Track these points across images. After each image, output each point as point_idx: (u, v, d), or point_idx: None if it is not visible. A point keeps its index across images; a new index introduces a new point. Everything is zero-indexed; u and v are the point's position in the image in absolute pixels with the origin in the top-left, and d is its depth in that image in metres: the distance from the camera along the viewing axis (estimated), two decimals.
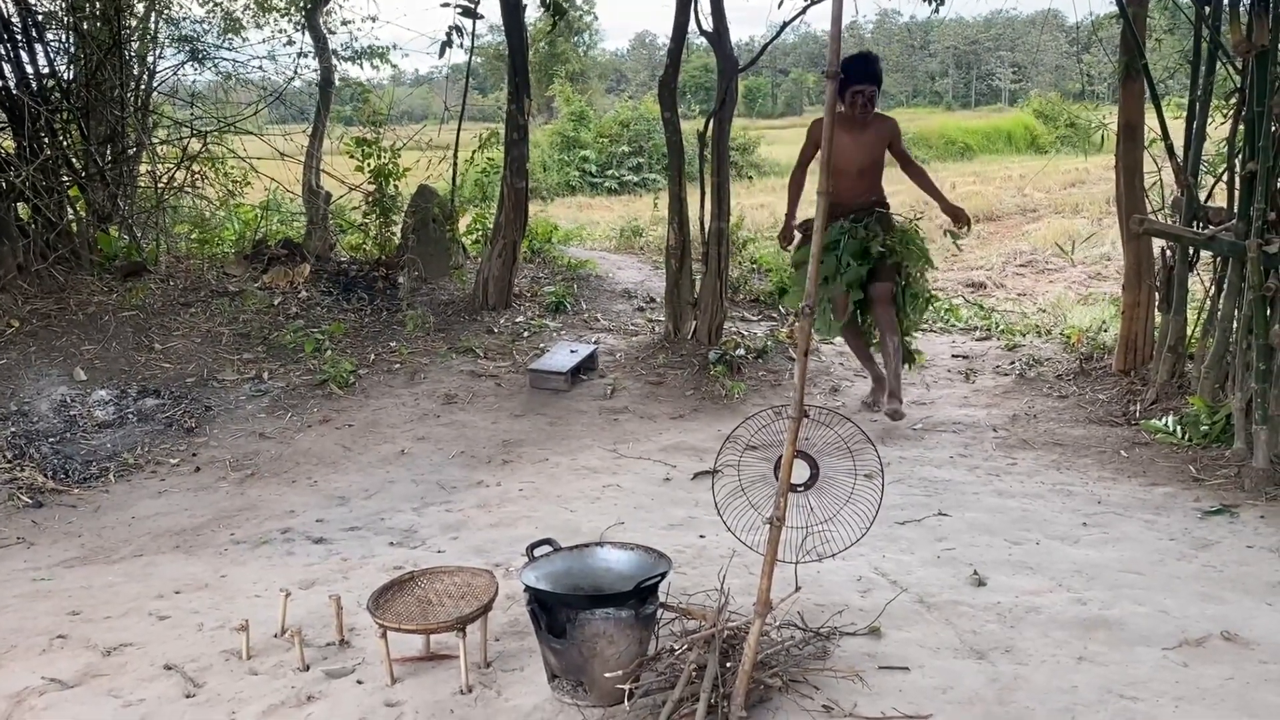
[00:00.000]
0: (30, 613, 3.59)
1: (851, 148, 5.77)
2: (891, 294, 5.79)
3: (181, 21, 9.89)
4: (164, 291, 7.63)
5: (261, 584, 3.81)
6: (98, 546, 4.31)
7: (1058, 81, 43.07)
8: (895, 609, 3.43)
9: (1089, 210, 15.35)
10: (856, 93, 5.68)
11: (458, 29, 7.84)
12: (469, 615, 2.99)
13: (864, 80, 5.68)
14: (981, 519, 4.39)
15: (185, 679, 3.07)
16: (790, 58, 69.61)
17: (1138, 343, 6.49)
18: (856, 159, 5.80)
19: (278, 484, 5.06)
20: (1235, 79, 5.73)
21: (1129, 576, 3.75)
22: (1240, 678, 2.97)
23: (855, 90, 5.66)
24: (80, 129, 8.14)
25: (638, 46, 79.85)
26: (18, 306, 6.95)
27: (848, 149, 5.75)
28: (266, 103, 10.26)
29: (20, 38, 7.80)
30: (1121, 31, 6.37)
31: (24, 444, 5.34)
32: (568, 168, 23.94)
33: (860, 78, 5.66)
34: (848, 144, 5.74)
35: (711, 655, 2.73)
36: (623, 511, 4.54)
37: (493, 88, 32.23)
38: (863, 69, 5.70)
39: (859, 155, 5.80)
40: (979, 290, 10.67)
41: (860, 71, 5.67)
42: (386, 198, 8.89)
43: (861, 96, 5.69)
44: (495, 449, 5.55)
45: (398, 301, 7.98)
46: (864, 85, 5.67)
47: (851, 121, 5.75)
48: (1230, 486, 4.75)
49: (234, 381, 6.45)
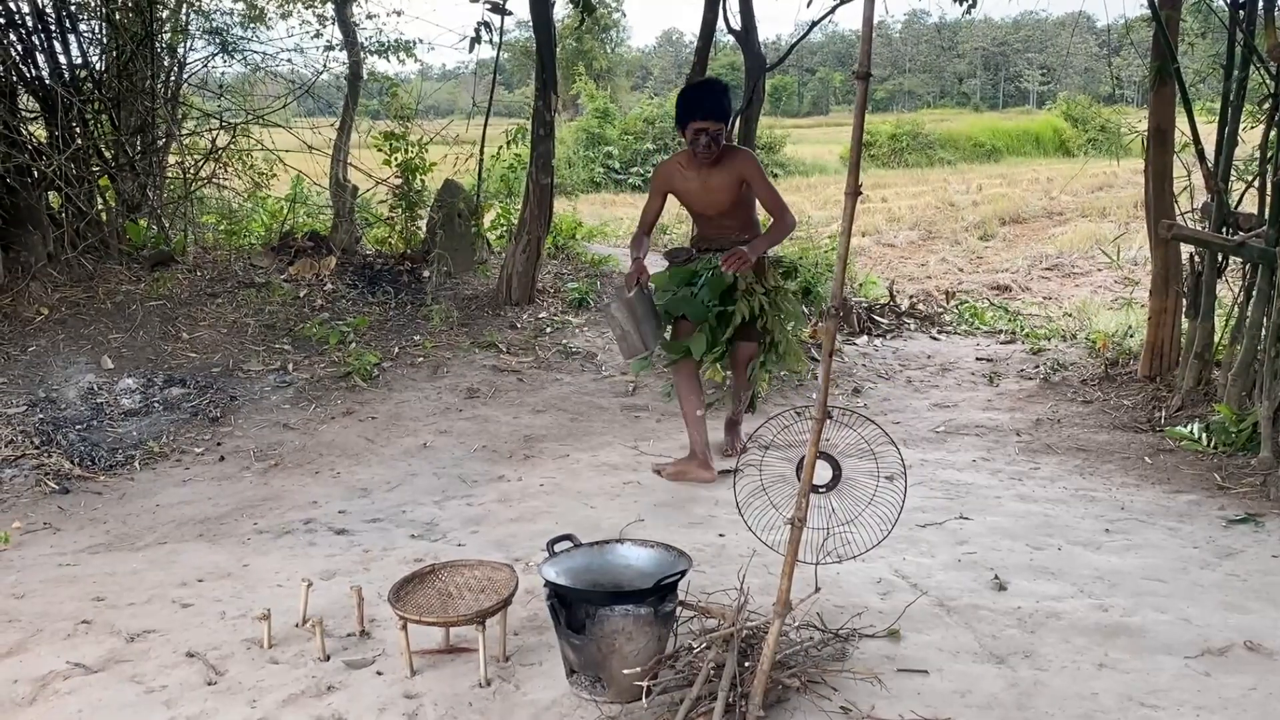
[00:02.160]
0: (56, 598, 3.63)
1: (700, 192, 4.90)
2: (752, 357, 5.10)
3: (212, 14, 9.95)
4: (191, 282, 7.69)
5: (283, 574, 3.84)
6: (122, 533, 4.35)
7: (1087, 84, 42.76)
8: (915, 612, 3.41)
9: (1116, 214, 15.26)
10: (699, 131, 4.66)
11: (486, 25, 7.88)
12: (489, 609, 3.00)
13: (705, 116, 4.67)
14: (1003, 523, 4.36)
15: (207, 666, 3.10)
16: (817, 56, 69.47)
17: (1164, 348, 6.44)
18: (711, 203, 4.92)
19: (301, 475, 5.09)
20: (1269, 84, 5.68)
21: (1151, 584, 3.72)
22: (1263, 688, 2.94)
23: (697, 128, 4.66)
24: (111, 119, 8.22)
25: (664, 44, 79.85)
26: (47, 294, 7.02)
27: (696, 194, 4.91)
28: (295, 95, 10.33)
29: (54, 28, 7.87)
30: (1153, 34, 6.31)
31: (51, 430, 5.40)
32: (592, 164, 23.97)
33: (699, 113, 4.67)
34: (696, 189, 4.89)
35: (730, 654, 2.73)
36: (643, 509, 4.55)
37: (519, 83, 32.31)
38: (703, 103, 4.70)
39: (712, 199, 4.90)
40: (1004, 293, 10.62)
41: (699, 106, 4.69)
42: (413, 192, 8.94)
43: (706, 134, 4.67)
44: (517, 444, 5.57)
45: (422, 295, 8.01)
46: (705, 123, 4.66)
47: (695, 163, 4.80)
48: (1256, 495, 4.71)
49: (259, 372, 6.50)
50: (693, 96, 4.76)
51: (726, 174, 4.81)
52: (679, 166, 4.89)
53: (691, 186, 4.89)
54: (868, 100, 2.57)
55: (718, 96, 4.74)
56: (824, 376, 2.60)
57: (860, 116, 2.56)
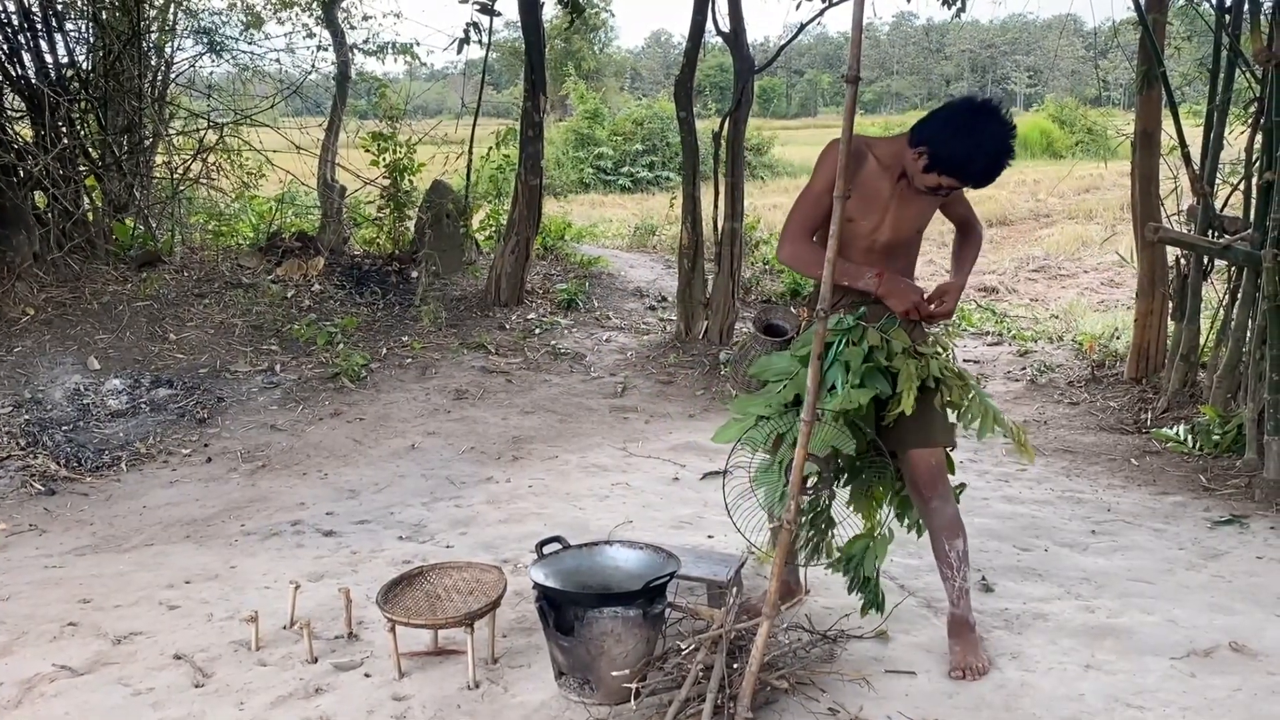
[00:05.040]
0: (41, 600, 3.61)
1: (896, 206, 3.11)
2: (942, 465, 3.18)
3: (200, 13, 9.91)
4: (178, 282, 7.66)
5: (271, 575, 3.83)
6: (109, 535, 4.33)
7: (1074, 87, 42.90)
8: (903, 613, 3.42)
9: (1103, 216, 15.29)
10: (952, 188, 3.03)
11: (475, 25, 7.88)
12: (477, 611, 3.00)
13: (983, 184, 3.01)
14: (990, 525, 4.38)
15: (194, 669, 3.09)
16: (805, 58, 69.56)
17: (1150, 351, 6.48)
18: (903, 225, 3.16)
19: (288, 476, 5.08)
20: (1254, 88, 5.71)
21: (1138, 585, 3.74)
22: (1248, 689, 2.96)
23: (952, 186, 3.01)
24: (98, 119, 8.18)
25: (653, 44, 79.83)
26: (33, 295, 6.98)
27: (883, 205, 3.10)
28: (283, 95, 10.30)
29: (40, 27, 7.83)
30: (1140, 38, 6.34)
31: (37, 431, 5.37)
32: (582, 165, 23.95)
33: (990, 180, 2.99)
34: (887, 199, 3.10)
35: (719, 656, 2.73)
36: (631, 510, 4.55)
37: (508, 84, 32.27)
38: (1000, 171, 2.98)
39: (906, 217, 3.15)
40: (991, 295, 10.65)
41: (998, 171, 2.96)
42: (401, 192, 8.93)
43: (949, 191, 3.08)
44: (505, 445, 5.56)
45: (410, 296, 8.00)
46: (967, 185, 3.04)
47: (894, 171, 3.08)
48: (1241, 497, 4.74)
49: (246, 373, 6.47)
50: (1001, 166, 2.95)
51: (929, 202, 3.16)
52: (875, 160, 3.09)
53: (880, 192, 3.09)
54: (856, 103, 2.57)
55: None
56: (813, 379, 2.61)
57: (849, 119, 2.56)
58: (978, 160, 2.90)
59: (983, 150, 2.89)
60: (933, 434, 3.09)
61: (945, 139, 2.88)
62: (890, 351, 3.00)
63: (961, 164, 2.90)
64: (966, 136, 2.87)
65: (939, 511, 3.12)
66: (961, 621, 3.14)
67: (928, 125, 2.94)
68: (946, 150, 2.89)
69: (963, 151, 2.88)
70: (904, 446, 3.10)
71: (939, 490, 3.12)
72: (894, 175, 3.05)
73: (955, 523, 3.13)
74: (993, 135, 2.88)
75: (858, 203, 3.03)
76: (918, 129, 2.96)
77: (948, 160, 2.90)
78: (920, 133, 2.94)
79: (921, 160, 2.93)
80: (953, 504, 3.15)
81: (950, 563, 3.13)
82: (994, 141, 2.88)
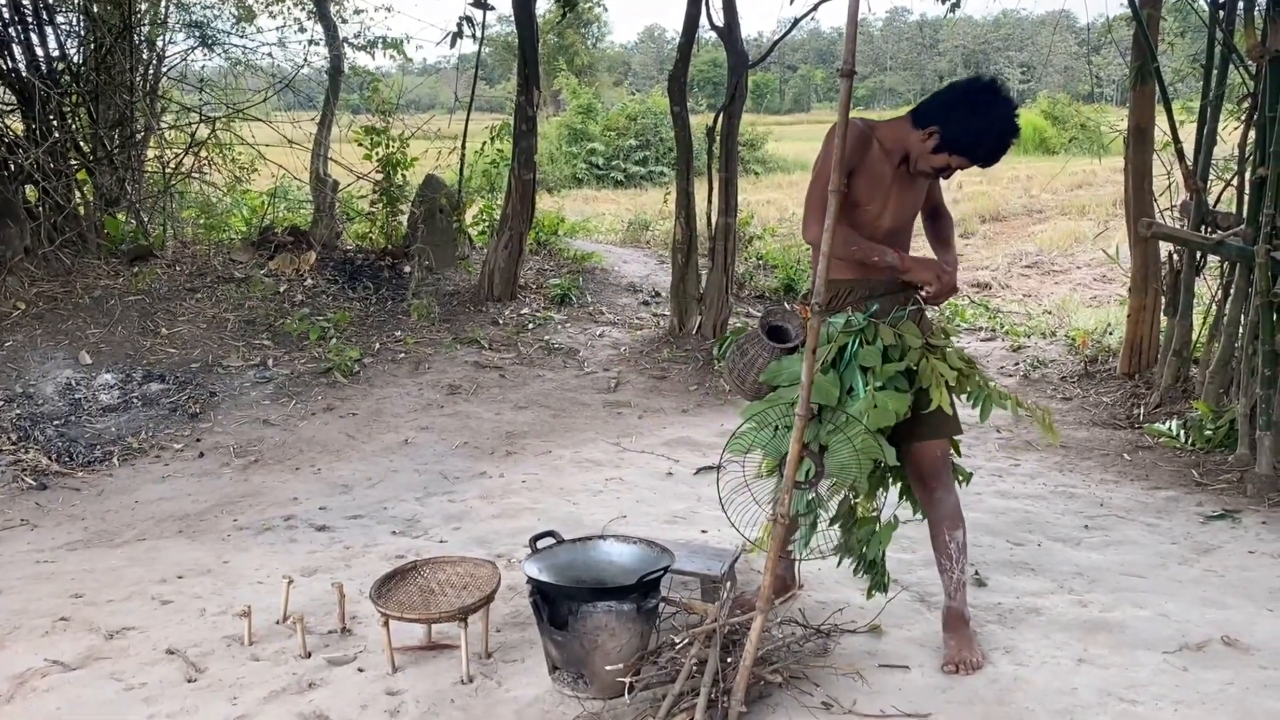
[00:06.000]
0: (33, 594, 3.60)
1: (898, 192, 3.10)
2: (947, 455, 3.20)
3: (192, 7, 9.87)
4: (170, 277, 7.63)
5: (264, 570, 3.82)
6: (101, 530, 4.32)
7: (1067, 83, 42.97)
8: (896, 608, 3.43)
9: (1095, 212, 15.33)
10: (958, 168, 3.04)
11: (468, 19, 7.86)
12: (471, 605, 2.99)
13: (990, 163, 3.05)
14: (984, 519, 4.38)
15: (187, 664, 3.08)
16: (799, 54, 69.56)
17: (1143, 346, 6.49)
18: (906, 209, 3.16)
19: (281, 471, 5.07)
20: (1248, 83, 5.72)
21: (1130, 580, 3.75)
22: (1240, 683, 2.97)
23: (959, 166, 3.02)
24: (89, 112, 8.14)
25: (646, 39, 79.77)
26: (24, 289, 6.95)
27: (887, 189, 3.07)
28: (275, 90, 10.26)
29: (31, 20, 7.79)
30: (1134, 33, 6.35)
31: (29, 426, 5.35)
32: (575, 160, 23.92)
33: (996, 159, 3.03)
34: (889, 183, 3.07)
35: (712, 650, 2.73)
36: (625, 505, 4.55)
37: (500, 78, 32.20)
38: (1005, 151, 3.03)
39: (906, 202, 3.14)
40: (984, 290, 10.66)
41: (1003, 151, 3.02)
42: (394, 187, 8.90)
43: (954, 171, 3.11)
44: (498, 440, 5.55)
45: (403, 291, 7.98)
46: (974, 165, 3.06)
47: (896, 155, 3.06)
48: (1233, 492, 4.75)
49: (239, 368, 6.46)
50: (1008, 144, 2.99)
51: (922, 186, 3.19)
52: (879, 144, 3.05)
53: (884, 177, 3.05)
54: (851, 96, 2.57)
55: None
56: (807, 374, 2.60)
57: (845, 114, 2.56)
58: (989, 139, 2.93)
59: (994, 129, 2.91)
60: (942, 425, 3.08)
61: (957, 119, 2.90)
62: (905, 348, 2.98)
63: (973, 144, 2.92)
64: (978, 116, 2.90)
65: (943, 501, 3.14)
66: (957, 615, 3.16)
67: (936, 106, 2.96)
68: (958, 130, 2.91)
69: (975, 131, 2.91)
70: (912, 438, 3.08)
71: (944, 480, 3.14)
72: (895, 160, 3.04)
73: (957, 513, 3.15)
74: (1000, 114, 2.91)
75: (866, 186, 3.02)
76: (924, 110, 2.97)
77: (959, 140, 2.92)
78: (928, 114, 2.95)
79: (931, 141, 2.94)
80: (955, 494, 3.17)
81: (950, 554, 3.15)
82: (1003, 120, 2.92)
